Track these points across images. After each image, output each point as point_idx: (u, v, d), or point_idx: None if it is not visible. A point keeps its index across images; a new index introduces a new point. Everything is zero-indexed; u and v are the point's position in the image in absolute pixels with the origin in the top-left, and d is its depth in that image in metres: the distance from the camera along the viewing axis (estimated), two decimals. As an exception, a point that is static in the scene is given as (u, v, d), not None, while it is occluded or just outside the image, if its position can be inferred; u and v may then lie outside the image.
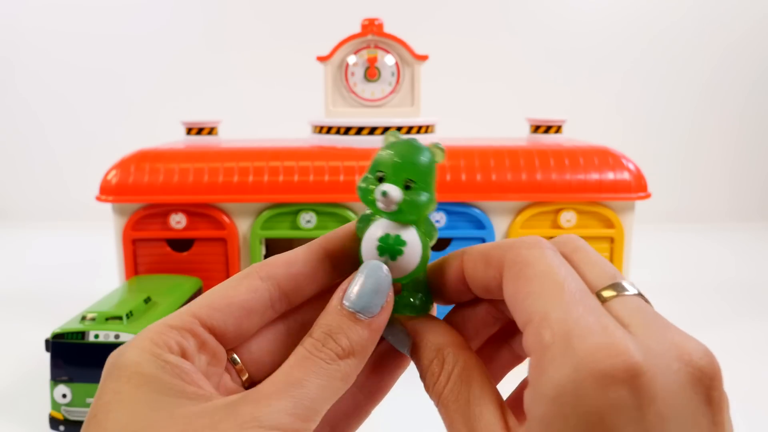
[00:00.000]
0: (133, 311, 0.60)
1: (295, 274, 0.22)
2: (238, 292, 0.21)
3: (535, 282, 0.18)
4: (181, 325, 0.20)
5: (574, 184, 0.77)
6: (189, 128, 0.92)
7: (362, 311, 0.20)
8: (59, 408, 0.58)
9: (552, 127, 0.89)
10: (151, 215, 0.78)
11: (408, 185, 0.21)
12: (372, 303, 0.20)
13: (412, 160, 0.21)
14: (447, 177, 0.77)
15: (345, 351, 0.20)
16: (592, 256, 0.20)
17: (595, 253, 0.21)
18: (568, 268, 0.19)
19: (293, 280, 0.22)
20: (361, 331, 0.20)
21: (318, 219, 0.77)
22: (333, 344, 0.20)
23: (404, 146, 0.21)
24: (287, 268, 0.22)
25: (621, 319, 0.17)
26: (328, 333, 0.20)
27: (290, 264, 0.22)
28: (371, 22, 0.84)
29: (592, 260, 0.20)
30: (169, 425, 0.17)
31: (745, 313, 0.94)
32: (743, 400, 0.67)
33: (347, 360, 0.20)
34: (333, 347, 0.20)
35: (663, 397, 0.15)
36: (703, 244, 1.41)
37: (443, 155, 0.22)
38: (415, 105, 0.86)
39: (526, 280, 0.19)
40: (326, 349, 0.20)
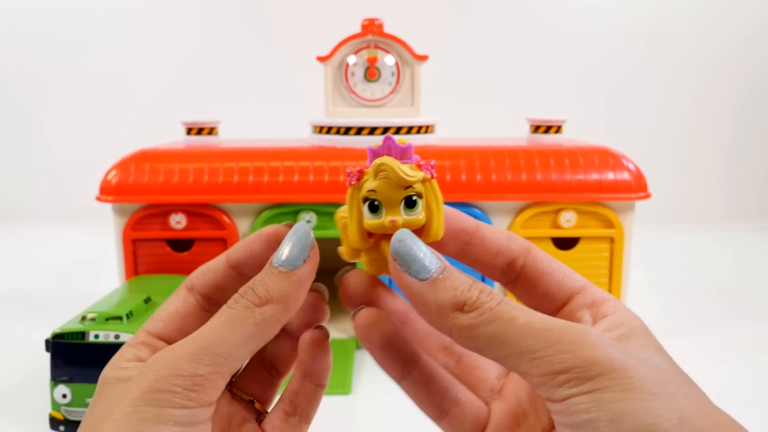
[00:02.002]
0: (133, 311, 0.60)
1: (209, 282, 0.26)
2: (172, 303, 0.26)
3: (566, 266, 0.25)
4: (135, 341, 0.24)
5: (574, 184, 0.77)
6: (189, 128, 0.92)
7: (284, 264, 0.23)
8: (59, 408, 0.58)
9: (552, 127, 0.89)
10: (151, 215, 0.78)
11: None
12: (294, 257, 0.23)
13: None
14: (447, 177, 0.77)
15: (261, 299, 0.22)
16: None
17: None
18: None
19: (208, 286, 0.26)
20: (281, 282, 0.23)
21: (318, 219, 0.77)
22: (251, 294, 0.23)
23: None
24: (203, 277, 0.26)
25: None
26: (250, 285, 0.23)
27: (205, 273, 0.26)
28: (371, 22, 0.84)
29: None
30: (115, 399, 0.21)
31: (744, 313, 0.94)
32: (743, 400, 0.67)
33: (264, 307, 0.22)
34: (251, 297, 0.23)
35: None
36: (703, 244, 1.41)
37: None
38: (415, 105, 0.86)
39: (559, 263, 0.25)
40: (243, 299, 0.23)
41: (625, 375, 0.19)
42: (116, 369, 0.23)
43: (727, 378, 0.73)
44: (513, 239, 0.25)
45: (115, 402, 0.21)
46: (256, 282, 0.23)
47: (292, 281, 0.23)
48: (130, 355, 0.24)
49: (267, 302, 0.22)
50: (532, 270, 0.25)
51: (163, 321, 0.25)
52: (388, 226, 0.23)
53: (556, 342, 0.20)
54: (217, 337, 0.22)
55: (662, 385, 0.19)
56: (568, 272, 0.25)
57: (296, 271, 0.23)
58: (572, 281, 0.24)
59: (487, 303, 0.21)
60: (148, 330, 0.25)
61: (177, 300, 0.26)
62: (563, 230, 0.77)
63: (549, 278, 0.24)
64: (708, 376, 0.72)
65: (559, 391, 0.19)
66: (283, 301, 0.23)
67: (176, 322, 0.25)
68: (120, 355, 0.24)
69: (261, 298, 0.22)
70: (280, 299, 0.22)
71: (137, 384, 0.21)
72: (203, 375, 0.21)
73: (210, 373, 0.21)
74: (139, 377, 0.21)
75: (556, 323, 0.20)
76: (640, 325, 0.23)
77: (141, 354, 0.24)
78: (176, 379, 0.20)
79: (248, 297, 0.23)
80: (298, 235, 0.24)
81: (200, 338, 0.22)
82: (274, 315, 0.22)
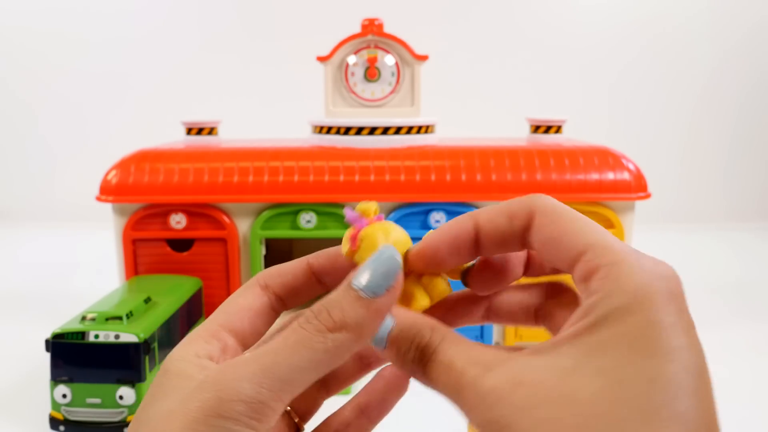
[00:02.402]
0: (133, 311, 0.60)
1: (286, 283, 0.25)
2: (245, 299, 0.24)
3: (578, 221, 0.21)
4: (206, 332, 0.23)
5: (574, 184, 0.77)
6: (189, 128, 0.92)
7: (365, 290, 0.21)
8: (59, 408, 0.58)
9: (552, 127, 0.89)
10: (151, 215, 0.78)
11: None
12: (377, 283, 0.21)
13: None
14: (447, 177, 0.77)
15: (336, 324, 0.20)
16: None
17: None
18: None
19: (285, 288, 0.25)
20: (359, 308, 0.21)
21: (318, 219, 0.77)
22: (326, 316, 0.21)
23: None
24: (281, 278, 0.25)
25: None
26: (325, 306, 0.21)
27: (283, 275, 0.25)
28: (371, 22, 0.84)
29: None
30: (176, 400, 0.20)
31: (744, 313, 0.94)
32: (743, 400, 0.67)
33: (336, 333, 0.20)
34: (324, 319, 0.20)
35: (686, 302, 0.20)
36: (703, 244, 1.41)
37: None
38: (415, 105, 0.86)
39: (569, 221, 0.21)
40: (316, 321, 0.21)
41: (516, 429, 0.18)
42: (183, 362, 0.21)
43: (726, 378, 0.72)
44: (515, 215, 0.22)
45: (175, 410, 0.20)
46: (332, 303, 0.21)
47: (370, 310, 0.21)
48: (200, 350, 0.22)
49: (341, 328, 0.20)
50: (537, 245, 0.22)
51: (237, 316, 0.24)
52: None
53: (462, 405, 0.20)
54: (283, 360, 0.20)
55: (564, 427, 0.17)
56: (567, 236, 0.21)
57: (377, 299, 0.21)
58: (568, 249, 0.21)
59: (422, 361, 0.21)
60: (220, 323, 0.23)
61: (250, 296, 0.24)
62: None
63: (549, 251, 0.21)
64: (708, 376, 0.73)
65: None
66: (358, 330, 0.21)
67: (250, 318, 0.24)
68: (189, 346, 0.22)
69: (336, 323, 0.20)
70: (356, 327, 0.20)
71: (197, 402, 0.19)
72: (265, 402, 0.19)
73: (272, 400, 0.20)
74: (198, 393, 0.20)
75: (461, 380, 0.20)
76: (622, 305, 0.19)
77: (211, 349, 0.22)
78: (238, 405, 0.19)
79: (321, 319, 0.20)
80: (382, 259, 0.22)
81: (265, 358, 0.20)
82: (345, 343, 0.21)
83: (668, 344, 0.18)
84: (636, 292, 0.19)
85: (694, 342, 0.19)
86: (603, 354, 0.18)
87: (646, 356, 0.18)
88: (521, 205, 0.22)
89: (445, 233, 0.24)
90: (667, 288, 0.19)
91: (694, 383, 0.18)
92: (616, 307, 0.19)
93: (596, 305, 0.19)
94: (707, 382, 0.19)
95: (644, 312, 0.18)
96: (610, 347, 0.18)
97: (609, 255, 0.20)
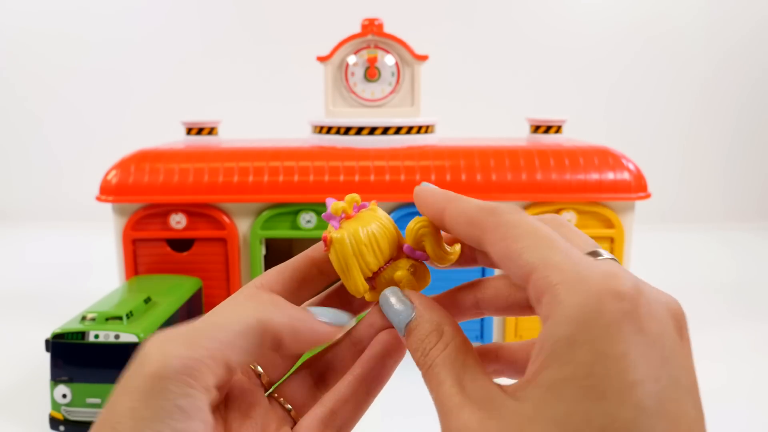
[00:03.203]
0: (133, 311, 0.60)
1: (286, 279, 0.26)
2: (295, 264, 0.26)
3: (526, 238, 0.20)
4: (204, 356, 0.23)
5: (574, 184, 0.77)
6: (189, 128, 0.92)
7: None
8: (59, 408, 0.58)
9: (552, 127, 0.89)
10: (151, 215, 0.78)
11: None
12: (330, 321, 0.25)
13: None
14: (447, 177, 0.77)
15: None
16: (574, 230, 0.23)
17: (576, 229, 0.23)
18: (549, 228, 0.21)
19: (285, 284, 0.26)
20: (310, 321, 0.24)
21: (318, 219, 0.77)
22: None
23: None
24: (279, 275, 0.26)
25: None
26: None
27: (281, 272, 0.26)
28: (371, 22, 0.84)
29: (574, 232, 0.23)
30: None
31: (744, 313, 0.94)
32: (743, 400, 0.67)
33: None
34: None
35: (656, 317, 0.18)
36: (703, 244, 1.41)
37: None
38: (415, 105, 0.86)
39: (515, 239, 0.20)
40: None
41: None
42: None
43: (726, 378, 0.72)
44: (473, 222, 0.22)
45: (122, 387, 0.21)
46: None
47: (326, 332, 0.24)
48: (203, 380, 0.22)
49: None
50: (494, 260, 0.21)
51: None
52: None
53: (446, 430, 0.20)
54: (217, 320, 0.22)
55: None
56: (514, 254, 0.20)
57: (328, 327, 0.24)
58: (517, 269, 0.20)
59: (422, 367, 0.22)
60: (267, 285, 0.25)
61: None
62: (563, 230, 0.77)
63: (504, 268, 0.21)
64: (707, 376, 0.72)
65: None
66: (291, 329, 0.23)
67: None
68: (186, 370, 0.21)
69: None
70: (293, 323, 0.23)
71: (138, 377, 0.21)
72: (199, 359, 0.21)
73: (205, 357, 0.21)
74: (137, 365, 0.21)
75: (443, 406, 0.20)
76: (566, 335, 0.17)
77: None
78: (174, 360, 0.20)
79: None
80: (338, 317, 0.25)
81: (199, 321, 0.22)
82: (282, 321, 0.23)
83: (621, 381, 0.16)
84: (579, 319, 0.17)
85: (657, 367, 0.17)
86: (557, 399, 0.17)
87: (597, 398, 0.16)
88: (477, 215, 0.22)
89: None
90: (619, 308, 0.17)
91: (652, 424, 0.16)
92: (561, 339, 0.17)
93: (545, 338, 0.18)
94: (680, 412, 0.17)
95: (591, 343, 0.17)
96: (562, 390, 0.17)
97: (552, 275, 0.18)
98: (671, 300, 0.19)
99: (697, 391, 0.18)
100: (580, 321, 0.17)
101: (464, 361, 0.21)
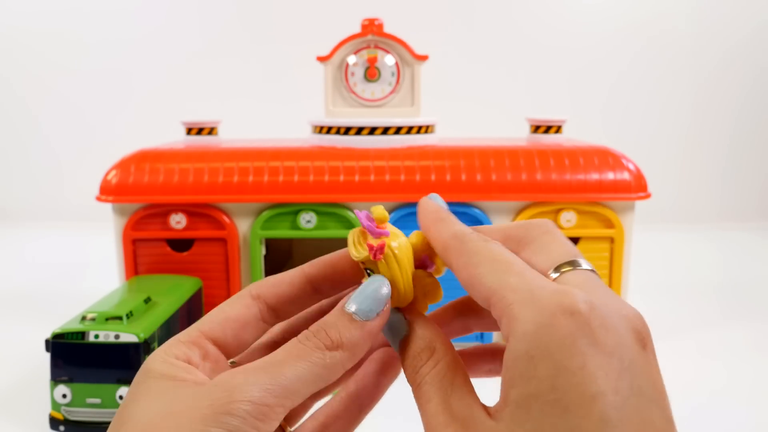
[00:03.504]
0: (133, 311, 0.60)
1: (280, 294, 0.25)
2: (233, 309, 0.25)
3: (485, 264, 0.21)
4: (187, 339, 0.24)
5: (574, 184, 0.77)
6: (189, 128, 0.92)
7: (359, 313, 0.23)
8: (59, 408, 0.58)
9: (552, 127, 0.89)
10: (151, 215, 0.78)
11: None
12: (370, 308, 0.23)
13: None
14: (447, 177, 0.77)
15: (333, 343, 0.22)
16: (558, 237, 0.24)
17: (561, 236, 0.24)
18: (510, 253, 0.22)
19: (279, 298, 0.25)
20: (353, 330, 0.23)
21: (318, 219, 0.77)
22: (323, 335, 0.22)
23: None
24: (274, 288, 0.25)
25: (573, 286, 0.20)
26: (323, 326, 0.23)
27: (276, 285, 0.26)
28: (371, 22, 0.84)
29: (557, 240, 0.23)
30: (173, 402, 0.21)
31: (744, 313, 0.94)
32: (742, 400, 0.67)
33: (334, 352, 0.22)
34: (323, 338, 0.22)
35: (612, 330, 0.18)
36: (703, 244, 1.41)
37: None
38: (415, 105, 0.86)
39: (476, 265, 0.22)
40: (315, 339, 0.22)
41: None
42: (165, 363, 0.22)
43: (726, 378, 0.73)
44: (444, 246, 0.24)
45: (178, 415, 0.20)
46: (329, 324, 0.23)
47: (364, 332, 0.23)
48: (180, 353, 0.23)
49: (338, 347, 0.22)
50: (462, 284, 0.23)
51: (221, 325, 0.24)
52: None
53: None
54: (288, 370, 0.21)
55: None
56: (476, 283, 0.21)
57: (368, 323, 0.23)
58: (479, 295, 0.21)
59: (412, 384, 0.22)
60: (203, 330, 0.24)
61: (239, 306, 0.25)
62: (563, 230, 0.77)
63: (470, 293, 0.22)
64: (707, 376, 0.73)
65: None
66: (352, 349, 0.22)
67: (234, 329, 0.24)
68: (168, 349, 0.23)
69: (333, 342, 0.22)
70: (350, 347, 0.22)
71: (208, 401, 0.20)
72: (270, 406, 0.21)
73: (276, 405, 0.21)
74: (208, 394, 0.21)
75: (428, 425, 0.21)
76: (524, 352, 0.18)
77: (191, 354, 0.23)
78: (246, 405, 0.20)
79: (320, 337, 0.22)
80: (374, 287, 0.23)
81: (272, 368, 0.21)
82: (341, 361, 0.22)
83: (582, 393, 0.17)
84: (535, 334, 0.18)
85: (615, 378, 0.17)
86: (526, 417, 0.18)
87: (561, 413, 0.17)
88: (449, 244, 0.23)
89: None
90: (571, 322, 0.18)
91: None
92: (521, 356, 0.18)
93: (507, 357, 0.19)
94: (645, 422, 0.17)
95: (549, 357, 0.18)
96: (530, 406, 0.18)
97: (507, 298, 0.20)
98: (632, 312, 0.20)
99: (665, 399, 0.19)
100: (535, 336, 0.18)
101: (453, 379, 0.22)
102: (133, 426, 0.21)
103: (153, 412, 0.21)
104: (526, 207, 0.77)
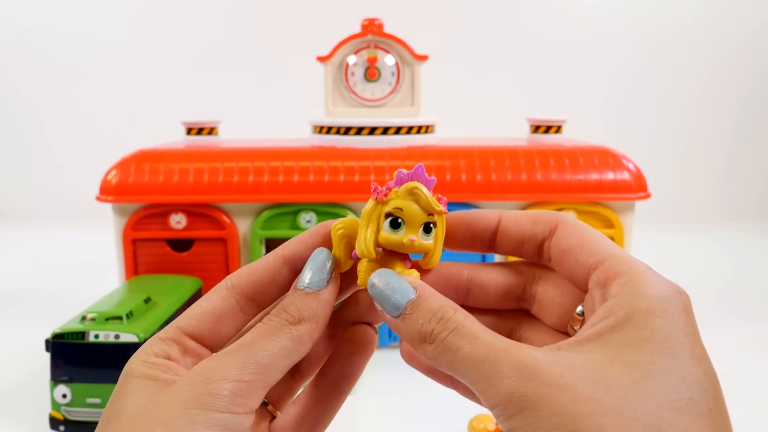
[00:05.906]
0: (133, 311, 0.60)
1: (255, 281, 0.26)
2: (209, 303, 0.25)
3: (599, 235, 0.24)
4: (166, 336, 0.24)
5: (574, 184, 0.77)
6: (189, 128, 0.92)
7: (311, 286, 0.24)
8: (59, 408, 0.58)
9: (552, 127, 0.89)
10: (151, 215, 0.78)
11: None
12: (317, 280, 0.25)
13: None
14: (447, 177, 0.77)
15: (295, 317, 0.24)
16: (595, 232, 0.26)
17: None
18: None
19: (254, 286, 0.26)
20: (310, 302, 0.24)
21: (318, 219, 0.77)
22: (285, 314, 0.24)
23: None
24: (249, 276, 0.26)
25: None
26: (282, 307, 0.24)
27: (251, 273, 0.26)
28: (371, 22, 0.84)
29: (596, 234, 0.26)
30: (155, 396, 0.22)
31: (744, 313, 0.94)
32: (742, 400, 0.67)
33: (298, 325, 0.24)
34: (285, 316, 0.24)
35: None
36: (703, 244, 1.41)
37: None
38: (415, 105, 0.86)
39: (590, 233, 0.24)
40: (278, 318, 0.24)
41: (549, 406, 0.18)
42: (145, 364, 0.23)
43: (726, 378, 0.72)
44: (539, 221, 0.25)
45: (161, 404, 0.21)
46: (287, 304, 0.24)
47: (320, 301, 0.24)
48: (159, 351, 0.24)
49: (300, 321, 0.24)
50: (555, 251, 0.24)
51: (198, 320, 0.25)
52: (407, 244, 0.25)
53: (486, 376, 0.20)
54: (260, 348, 0.23)
55: (605, 407, 0.18)
56: (588, 245, 0.23)
57: (321, 292, 0.24)
58: (588, 256, 0.23)
59: (440, 334, 0.22)
60: (180, 327, 0.25)
61: (214, 299, 0.25)
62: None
63: (568, 257, 0.24)
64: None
65: (500, 423, 0.20)
66: (314, 319, 0.24)
67: (211, 322, 0.25)
68: (149, 348, 0.24)
69: (295, 317, 0.24)
70: (311, 317, 0.24)
71: (187, 387, 0.21)
72: (248, 381, 0.22)
73: (254, 380, 0.22)
74: (186, 381, 0.22)
75: (491, 351, 0.20)
76: (645, 307, 0.20)
77: (170, 351, 0.24)
78: (225, 384, 0.21)
79: (282, 316, 0.24)
80: (318, 261, 0.25)
81: (243, 349, 0.23)
82: (308, 332, 0.24)
83: (692, 350, 0.20)
84: (658, 299, 0.21)
85: (706, 354, 0.20)
86: (633, 350, 0.19)
87: (674, 357, 0.19)
88: (547, 216, 0.25)
89: (467, 216, 0.26)
90: (682, 302, 0.21)
91: (713, 388, 0.19)
92: (639, 309, 0.20)
93: (619, 307, 0.21)
94: (720, 389, 0.20)
95: (668, 318, 0.20)
96: (638, 344, 0.19)
97: (628, 265, 0.22)
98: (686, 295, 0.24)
99: None
100: (661, 301, 0.20)
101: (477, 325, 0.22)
102: (119, 421, 0.21)
103: (137, 405, 0.22)
104: (526, 207, 0.77)
